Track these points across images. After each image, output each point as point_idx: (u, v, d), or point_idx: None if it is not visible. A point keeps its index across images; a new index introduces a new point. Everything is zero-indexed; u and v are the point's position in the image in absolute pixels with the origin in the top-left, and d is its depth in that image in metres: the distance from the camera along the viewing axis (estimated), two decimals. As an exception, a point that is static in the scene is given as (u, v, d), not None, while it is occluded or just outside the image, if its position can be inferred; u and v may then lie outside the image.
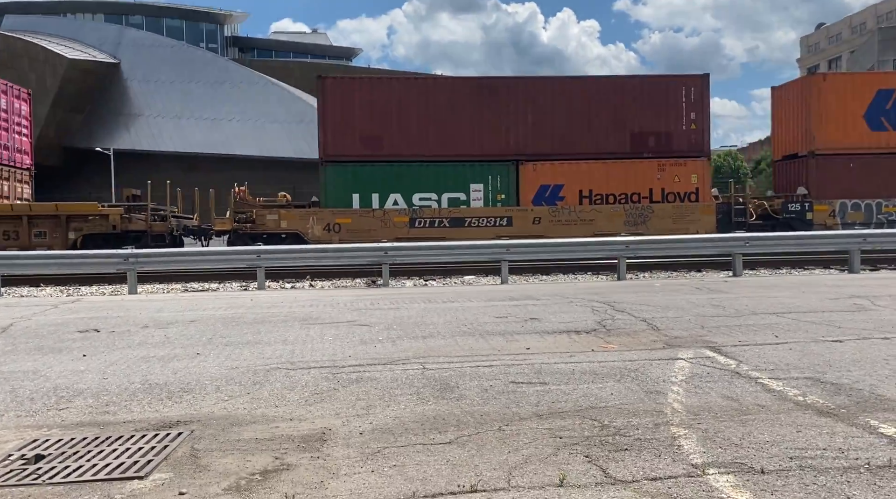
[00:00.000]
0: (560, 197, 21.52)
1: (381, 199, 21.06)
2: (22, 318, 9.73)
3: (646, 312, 9.19)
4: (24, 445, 4.40)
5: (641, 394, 5.31)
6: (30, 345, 7.64)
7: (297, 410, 5.08)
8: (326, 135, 20.91)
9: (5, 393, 5.62)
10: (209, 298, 12.38)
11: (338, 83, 21.31)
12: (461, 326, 8.38)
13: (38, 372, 6.31)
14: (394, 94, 21.24)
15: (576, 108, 21.57)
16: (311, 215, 20.75)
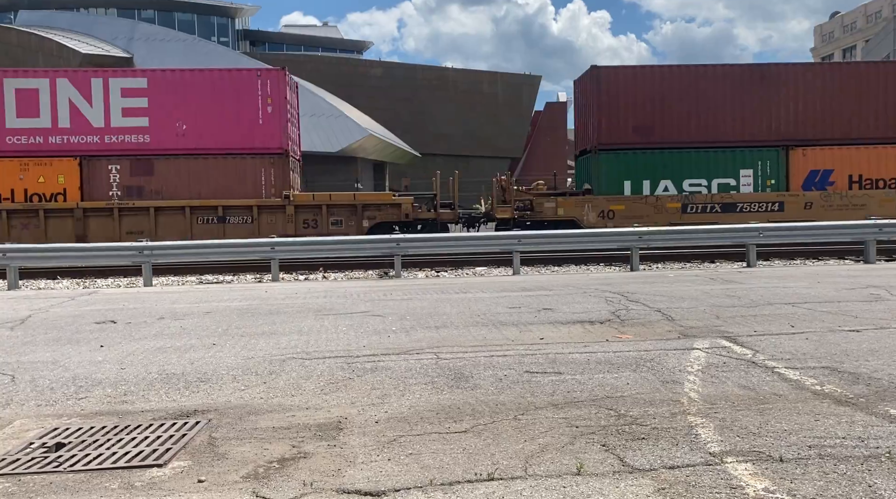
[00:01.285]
0: (830, 182, 21.55)
1: (651, 185, 21.38)
2: (40, 309, 9.83)
3: (660, 303, 9.15)
4: (45, 433, 4.46)
5: (657, 383, 5.29)
6: (48, 336, 7.72)
7: (312, 399, 5.11)
8: (601, 123, 21.31)
9: (25, 383, 5.68)
10: (224, 290, 12.45)
11: (612, 73, 21.61)
12: (474, 317, 8.38)
13: (57, 363, 6.38)
14: (663, 83, 21.54)
15: (844, 93, 21.57)
16: (587, 203, 21.08)
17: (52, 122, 19.85)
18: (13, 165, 19.69)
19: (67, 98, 19.87)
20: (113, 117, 19.98)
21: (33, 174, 19.83)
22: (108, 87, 20.00)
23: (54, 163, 19.86)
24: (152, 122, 20.04)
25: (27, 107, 19.80)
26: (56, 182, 19.89)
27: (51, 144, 19.92)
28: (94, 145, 19.96)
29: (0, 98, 19.73)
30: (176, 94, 20.13)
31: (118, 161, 20.02)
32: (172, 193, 20.00)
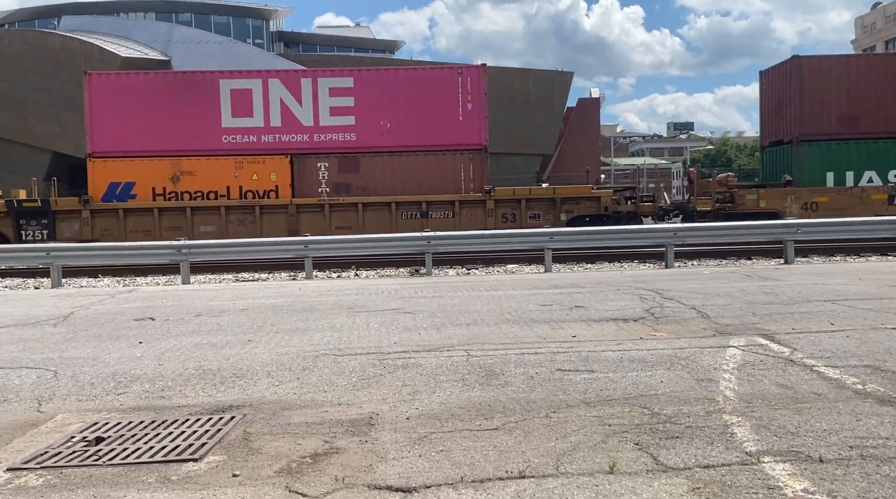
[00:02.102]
0: None
1: (854, 176, 21.32)
2: (81, 307, 10.08)
3: (695, 300, 9.02)
4: (86, 427, 4.57)
5: (692, 382, 5.22)
6: (89, 332, 7.91)
7: (345, 395, 5.15)
8: (802, 114, 21.41)
9: (67, 378, 5.83)
10: (259, 288, 12.61)
11: (815, 63, 21.67)
12: (505, 314, 8.36)
13: (98, 358, 6.53)
14: (869, 72, 21.51)
15: None
16: (789, 194, 21.12)
17: (265, 122, 20.54)
18: (228, 163, 20.44)
19: (279, 98, 20.52)
20: (322, 116, 20.60)
21: (247, 172, 20.50)
22: (317, 87, 20.61)
23: (267, 161, 20.54)
24: (358, 121, 20.59)
25: (241, 107, 20.49)
26: (268, 179, 20.55)
27: (263, 143, 20.63)
28: (304, 143, 20.60)
29: (216, 98, 20.46)
30: (381, 93, 20.61)
31: (326, 159, 20.63)
32: (378, 189, 20.52)
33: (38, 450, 4.16)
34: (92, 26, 57.03)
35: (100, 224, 20.03)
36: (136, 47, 54.91)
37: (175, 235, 18.78)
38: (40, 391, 5.45)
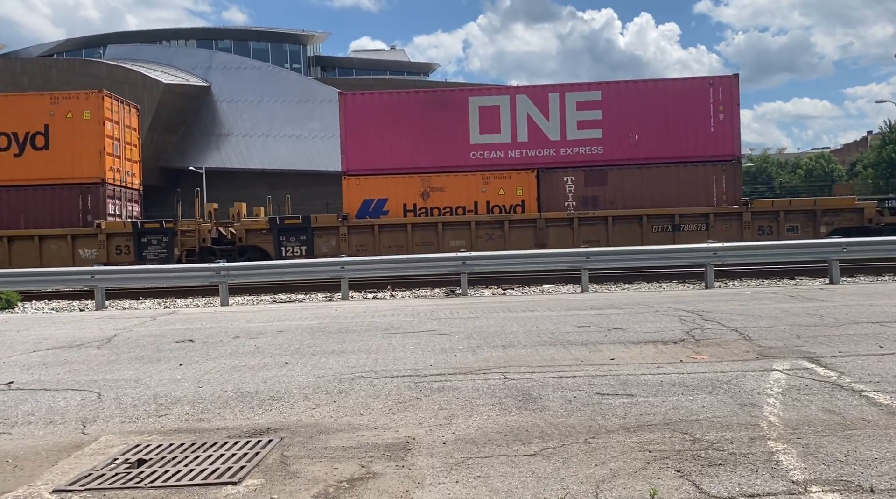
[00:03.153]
0: None
1: None
2: (124, 329, 10.29)
3: (737, 322, 8.83)
4: (128, 449, 4.64)
5: (735, 407, 5.09)
6: (131, 355, 8.07)
7: (381, 418, 5.14)
8: None
9: (111, 400, 5.94)
10: (296, 309, 12.74)
11: None
12: (542, 336, 8.29)
13: (140, 380, 6.65)
14: None
15: None
16: None
17: (512, 137, 21.05)
18: (476, 179, 20.99)
19: (526, 113, 21.02)
20: (569, 130, 20.99)
21: (494, 187, 20.97)
22: (564, 102, 21.03)
23: (513, 176, 21.00)
24: (606, 134, 20.90)
25: (489, 123, 21.03)
26: (515, 194, 21.02)
27: (510, 158, 21.11)
28: (550, 158, 21.03)
29: (465, 115, 21.05)
30: (628, 105, 20.90)
31: (573, 172, 20.97)
32: (626, 202, 20.71)
33: (83, 472, 4.24)
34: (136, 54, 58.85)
35: (355, 240, 20.61)
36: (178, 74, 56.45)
37: (426, 250, 19.52)
38: (85, 413, 5.56)
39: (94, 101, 21.00)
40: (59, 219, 20.60)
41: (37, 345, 8.97)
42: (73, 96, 21.17)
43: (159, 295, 16.61)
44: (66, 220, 20.61)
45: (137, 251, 20.39)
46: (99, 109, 20.83)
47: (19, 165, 20.59)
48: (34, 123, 20.69)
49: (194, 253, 20.58)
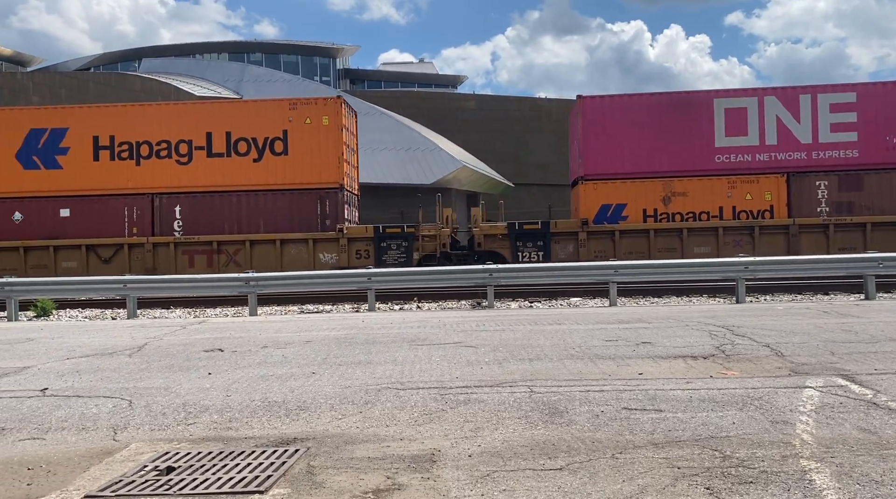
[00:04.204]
0: None
1: None
2: (155, 338, 10.45)
3: (768, 337, 8.68)
4: (157, 457, 4.70)
5: (766, 424, 5.00)
6: (161, 363, 8.18)
7: (406, 430, 5.14)
8: None
9: (141, 408, 6.03)
10: (323, 320, 12.82)
11: None
12: (569, 349, 8.23)
13: (169, 389, 6.74)
14: None
15: None
16: None
17: (759, 140, 20.44)
18: (721, 183, 20.40)
19: (775, 115, 20.54)
20: (821, 133, 20.42)
21: (740, 191, 20.43)
22: (815, 104, 20.47)
23: (761, 180, 20.41)
24: (861, 137, 20.28)
25: (735, 125, 20.57)
26: (763, 199, 20.43)
27: (757, 162, 20.46)
28: (801, 162, 20.46)
29: (710, 118, 20.64)
30: (886, 107, 20.29)
31: (826, 177, 20.38)
32: (885, 208, 20.01)
33: (113, 478, 4.30)
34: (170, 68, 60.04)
35: (594, 246, 20.30)
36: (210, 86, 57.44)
37: (668, 256, 19.13)
38: (116, 420, 5.65)
39: (332, 106, 20.90)
40: (298, 223, 20.51)
41: (70, 352, 9.14)
42: (312, 102, 21.13)
43: (189, 304, 16.84)
44: (304, 224, 20.52)
45: (377, 256, 20.24)
46: (337, 115, 20.79)
47: (259, 170, 20.60)
48: (273, 129, 20.68)
49: (434, 258, 20.45)
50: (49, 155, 20.75)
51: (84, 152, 20.69)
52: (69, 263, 20.21)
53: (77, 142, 20.67)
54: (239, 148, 20.77)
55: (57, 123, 20.82)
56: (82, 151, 20.68)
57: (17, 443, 5.11)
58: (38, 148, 20.76)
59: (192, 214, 20.67)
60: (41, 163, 20.76)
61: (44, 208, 20.59)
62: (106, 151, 20.73)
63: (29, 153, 20.75)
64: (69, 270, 19.95)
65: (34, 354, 9.12)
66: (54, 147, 20.75)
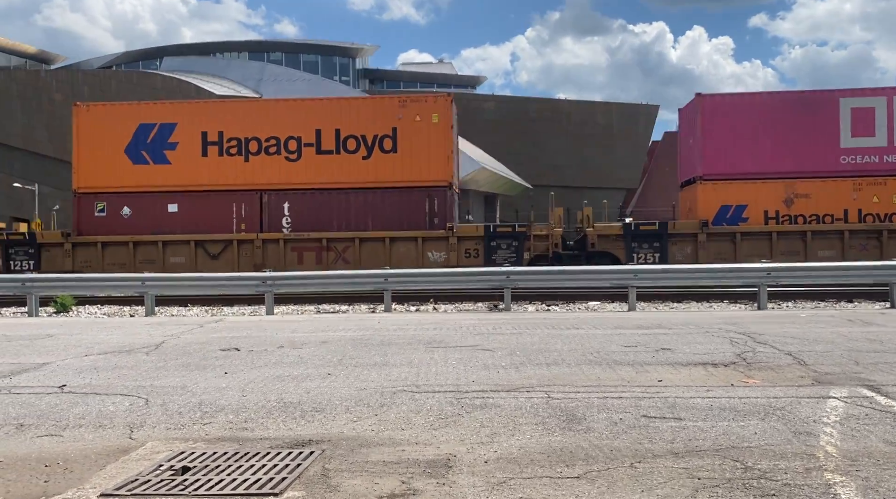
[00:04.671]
0: None
1: None
2: (172, 336, 10.50)
3: (791, 345, 8.53)
4: (173, 456, 4.69)
5: (789, 434, 4.90)
6: (178, 362, 8.21)
7: (422, 433, 5.10)
8: None
9: (157, 406, 6.04)
10: (340, 320, 12.82)
11: None
12: (587, 355, 8.14)
13: (186, 388, 6.75)
14: None
15: None
16: None
17: (888, 141, 20.16)
18: (846, 185, 20.11)
19: None
20: None
21: (866, 194, 20.15)
22: None
23: (889, 182, 20.07)
24: None
25: (862, 126, 20.32)
26: (891, 201, 20.13)
27: (886, 163, 20.16)
28: None
29: (835, 118, 20.37)
30: None
31: None
32: None
33: (129, 477, 4.30)
34: (190, 66, 60.48)
35: (713, 248, 20.02)
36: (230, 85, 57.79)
37: (791, 259, 18.70)
38: (132, 418, 5.66)
39: (442, 104, 20.75)
40: (407, 221, 20.43)
41: (89, 349, 9.20)
42: (422, 99, 21.15)
43: (207, 302, 16.93)
44: (413, 222, 20.44)
45: (486, 255, 20.18)
46: (447, 113, 20.60)
47: (368, 168, 20.55)
48: (383, 126, 20.60)
49: (545, 258, 20.37)
50: (158, 150, 20.77)
51: (193, 148, 20.67)
52: (177, 258, 20.25)
53: (186, 137, 20.67)
54: (348, 145, 20.65)
55: (166, 118, 20.85)
56: (191, 146, 20.67)
57: (36, 439, 5.13)
58: (147, 143, 20.79)
59: (300, 211, 20.61)
60: (150, 158, 20.80)
61: (152, 204, 20.62)
62: (214, 146, 20.73)
63: (138, 148, 20.78)
64: (177, 265, 19.93)
65: (53, 350, 9.19)
66: (163, 142, 20.75)
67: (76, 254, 20.51)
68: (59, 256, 20.60)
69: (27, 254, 20.58)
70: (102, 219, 20.78)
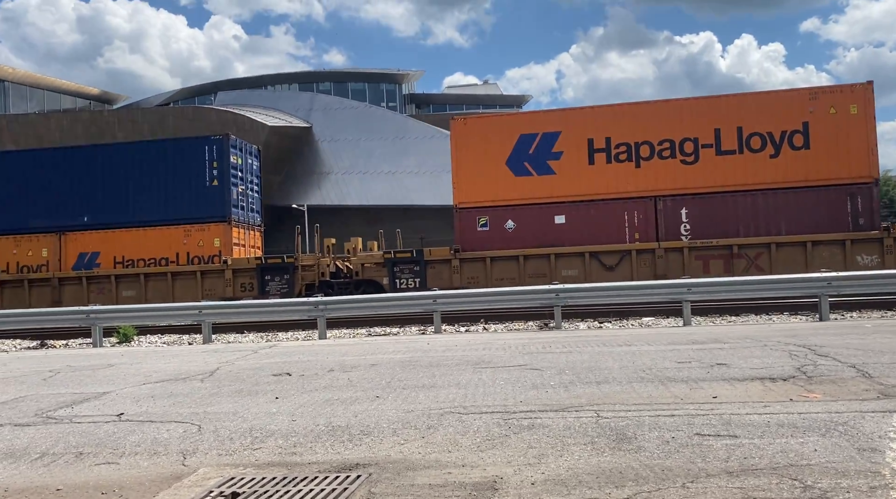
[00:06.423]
0: None
1: None
2: (227, 362, 10.71)
3: (854, 357, 8.17)
4: (223, 482, 4.76)
5: (852, 451, 4.67)
6: (231, 388, 8.36)
7: (468, 456, 5.05)
8: None
9: (209, 433, 6.15)
10: (389, 343, 12.88)
11: None
12: (638, 372, 7.96)
13: (237, 413, 6.86)
14: None
15: None
16: None
17: None
18: None
19: None
20: None
21: None
22: None
23: None
24: None
25: None
26: None
27: None
28: None
29: None
30: None
31: None
32: None
33: (179, 503, 4.38)
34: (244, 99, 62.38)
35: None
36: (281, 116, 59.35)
37: None
38: (185, 445, 5.78)
39: (861, 93, 19.22)
40: (826, 223, 18.91)
41: (147, 378, 9.47)
42: (837, 90, 19.61)
43: (262, 328, 17.24)
44: (833, 223, 18.91)
45: None
46: (867, 102, 19.08)
47: (776, 167, 19.35)
48: (791, 121, 19.38)
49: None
50: (541, 160, 20.45)
51: (578, 156, 20.24)
52: (569, 271, 19.68)
53: (570, 145, 20.29)
54: (752, 144, 19.56)
55: (548, 128, 20.51)
56: (576, 154, 20.26)
57: (93, 467, 5.28)
58: (529, 154, 20.50)
59: (700, 217, 19.62)
60: (532, 169, 20.47)
61: (537, 216, 20.23)
62: (602, 153, 20.22)
63: (519, 159, 20.54)
64: (568, 278, 19.22)
65: (113, 379, 9.49)
66: (546, 152, 20.42)
67: (463, 269, 20.31)
68: (445, 272, 20.52)
69: (412, 271, 20.68)
70: (485, 233, 20.55)
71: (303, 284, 21.20)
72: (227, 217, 22.17)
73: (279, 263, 21.42)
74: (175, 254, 22.16)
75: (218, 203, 22.22)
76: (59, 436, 6.24)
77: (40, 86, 63.55)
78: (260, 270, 21.36)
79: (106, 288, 21.89)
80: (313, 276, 21.23)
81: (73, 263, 22.55)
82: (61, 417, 7.07)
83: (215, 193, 22.23)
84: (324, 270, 21.25)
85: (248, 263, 21.82)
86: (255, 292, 21.16)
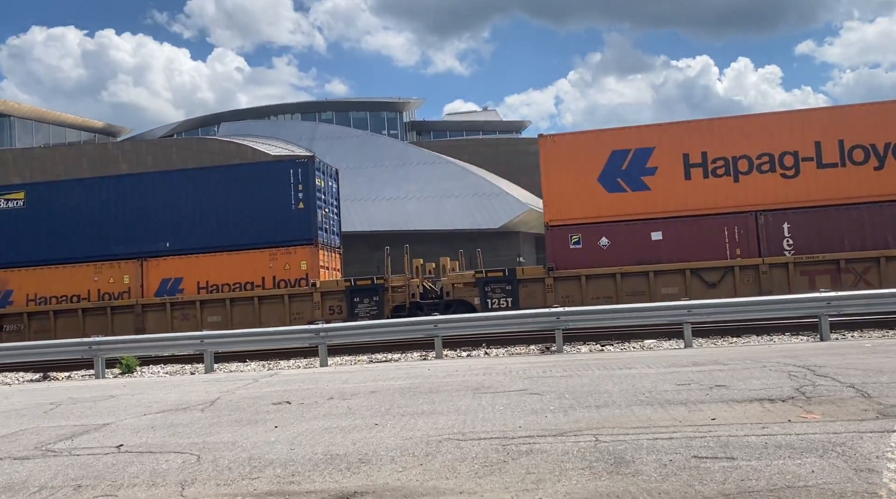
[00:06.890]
0: None
1: None
2: (227, 391, 10.71)
3: (854, 377, 8.16)
4: (220, 511, 4.76)
5: (849, 472, 4.66)
6: (231, 417, 8.36)
7: (466, 482, 5.05)
8: None
9: (208, 462, 6.15)
10: (391, 369, 12.86)
11: None
12: (638, 395, 7.95)
13: (236, 443, 6.86)
14: None
15: None
16: None
17: None
18: None
19: None
20: None
21: None
22: None
23: None
24: None
25: None
26: None
27: None
28: None
29: None
30: None
31: None
32: None
33: (176, 534, 4.38)
34: (247, 130, 62.93)
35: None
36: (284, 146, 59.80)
37: None
38: (184, 475, 5.78)
39: None
40: None
41: (147, 408, 9.47)
42: None
43: (264, 356, 17.21)
44: None
45: None
46: None
47: (880, 179, 18.99)
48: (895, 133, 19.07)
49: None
50: (634, 176, 20.16)
51: (674, 171, 19.94)
52: (669, 289, 19.26)
53: (665, 161, 20.01)
54: (854, 156, 19.27)
55: (641, 143, 20.27)
56: (672, 169, 19.96)
57: (91, 499, 5.28)
58: (622, 170, 20.22)
59: (803, 231, 19.23)
60: (626, 185, 20.19)
61: (632, 232, 19.87)
62: (698, 168, 19.91)
63: (612, 176, 20.27)
64: (669, 295, 18.65)
65: (114, 411, 9.49)
66: (640, 168, 20.14)
67: (557, 288, 19.97)
68: (538, 291, 20.14)
69: (505, 291, 20.42)
70: (578, 251, 20.16)
71: (392, 305, 20.86)
72: (313, 240, 21.72)
73: (368, 285, 21.00)
74: (261, 278, 21.68)
75: (304, 226, 21.78)
76: (58, 469, 6.24)
77: (45, 120, 64.22)
78: (349, 292, 20.96)
79: (190, 314, 21.56)
80: (403, 297, 20.89)
81: (156, 290, 22.10)
82: (61, 449, 7.07)
83: (301, 216, 21.78)
84: (414, 291, 20.95)
85: (337, 285, 21.40)
86: (345, 315, 20.67)
